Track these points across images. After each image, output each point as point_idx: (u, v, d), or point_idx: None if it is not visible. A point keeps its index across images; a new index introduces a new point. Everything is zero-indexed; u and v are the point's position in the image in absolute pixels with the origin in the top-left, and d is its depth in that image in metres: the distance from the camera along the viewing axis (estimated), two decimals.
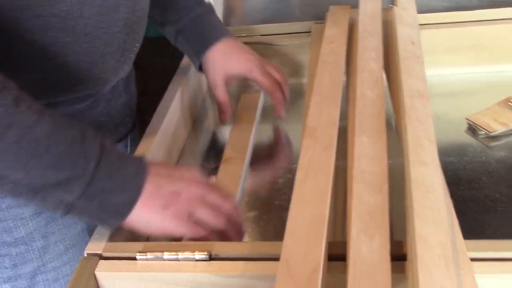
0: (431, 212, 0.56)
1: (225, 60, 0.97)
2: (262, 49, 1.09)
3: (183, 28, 0.99)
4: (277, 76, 0.98)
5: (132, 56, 0.84)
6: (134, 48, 0.83)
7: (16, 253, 0.86)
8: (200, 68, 1.00)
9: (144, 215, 0.64)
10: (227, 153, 0.90)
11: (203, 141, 1.02)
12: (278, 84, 0.98)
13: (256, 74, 0.96)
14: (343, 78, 0.82)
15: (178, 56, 1.09)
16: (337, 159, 0.68)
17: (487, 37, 1.04)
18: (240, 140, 0.93)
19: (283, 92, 0.98)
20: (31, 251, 0.87)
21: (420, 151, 0.64)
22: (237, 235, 0.70)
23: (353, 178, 0.62)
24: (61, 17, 0.69)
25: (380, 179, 0.62)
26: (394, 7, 0.99)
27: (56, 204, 0.62)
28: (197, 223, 0.67)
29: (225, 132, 0.98)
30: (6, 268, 0.87)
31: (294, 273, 0.51)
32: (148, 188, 0.65)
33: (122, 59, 0.80)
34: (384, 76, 0.87)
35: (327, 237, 0.57)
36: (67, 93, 0.77)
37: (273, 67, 0.99)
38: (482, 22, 1.04)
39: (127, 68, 0.84)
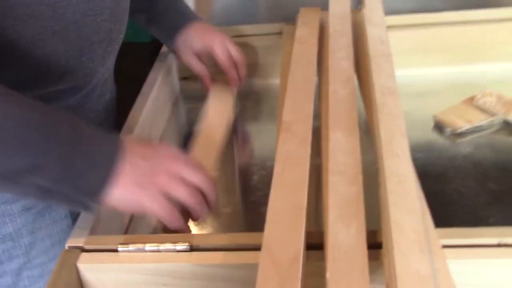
0: (404, 200, 0.58)
1: (191, 39, 1.03)
2: None
3: (154, 17, 1.04)
4: (236, 56, 1.03)
5: (117, 48, 0.85)
6: (118, 39, 0.84)
7: (3, 250, 0.86)
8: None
9: (120, 194, 0.64)
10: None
11: (179, 137, 1.04)
12: (235, 64, 1.03)
13: (216, 51, 1.01)
14: (315, 77, 0.84)
15: (147, 61, 1.11)
16: (311, 156, 0.70)
17: (451, 38, 1.07)
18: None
19: (239, 72, 1.03)
20: (18, 248, 0.87)
21: (392, 144, 0.66)
22: (210, 210, 0.72)
23: (328, 170, 0.64)
24: (50, 5, 0.69)
25: (354, 171, 0.64)
26: (364, 8, 1.02)
27: (34, 190, 0.62)
28: (173, 202, 0.67)
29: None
30: None
31: (276, 260, 0.53)
32: (124, 168, 0.64)
33: (109, 48, 0.81)
34: (355, 75, 0.89)
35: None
36: (56, 84, 0.78)
37: (235, 48, 1.03)
38: (447, 24, 1.08)
39: (112, 59, 0.85)
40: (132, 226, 0.77)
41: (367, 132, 0.80)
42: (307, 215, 0.69)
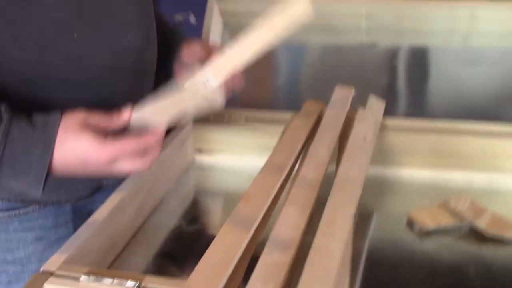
0: (319, 271, 0.66)
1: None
2: (242, 131, 1.23)
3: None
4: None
5: None
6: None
7: (13, 272, 0.97)
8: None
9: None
10: None
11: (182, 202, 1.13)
12: None
13: None
14: (292, 160, 0.94)
15: None
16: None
17: (440, 145, 1.16)
18: None
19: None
20: (26, 272, 0.97)
21: (330, 225, 0.75)
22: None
23: (269, 238, 0.74)
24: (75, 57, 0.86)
25: (291, 243, 0.73)
26: (360, 108, 1.12)
27: None
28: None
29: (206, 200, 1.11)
30: (2, 283, 0.98)
31: None
32: (56, 168, 0.78)
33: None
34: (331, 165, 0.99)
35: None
36: None
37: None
38: (438, 131, 1.17)
39: None
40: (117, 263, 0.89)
41: None
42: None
